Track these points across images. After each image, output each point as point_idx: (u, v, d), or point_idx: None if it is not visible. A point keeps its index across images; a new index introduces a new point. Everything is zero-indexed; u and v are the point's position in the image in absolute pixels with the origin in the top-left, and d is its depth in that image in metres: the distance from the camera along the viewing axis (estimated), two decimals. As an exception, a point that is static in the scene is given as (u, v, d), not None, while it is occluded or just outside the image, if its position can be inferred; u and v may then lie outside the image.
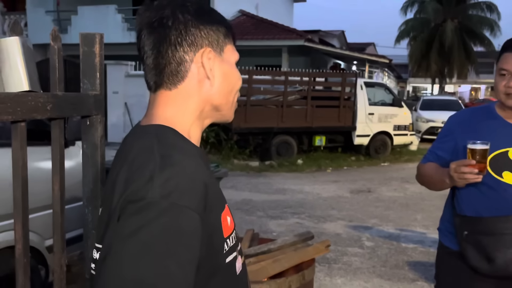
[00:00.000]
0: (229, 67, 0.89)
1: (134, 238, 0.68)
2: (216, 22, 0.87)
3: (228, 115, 0.92)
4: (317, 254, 2.04)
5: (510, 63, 1.60)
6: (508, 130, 1.65)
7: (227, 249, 0.82)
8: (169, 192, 0.71)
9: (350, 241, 4.84)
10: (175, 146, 0.79)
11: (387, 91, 11.16)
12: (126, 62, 11.79)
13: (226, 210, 0.85)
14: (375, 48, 31.83)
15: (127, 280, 0.67)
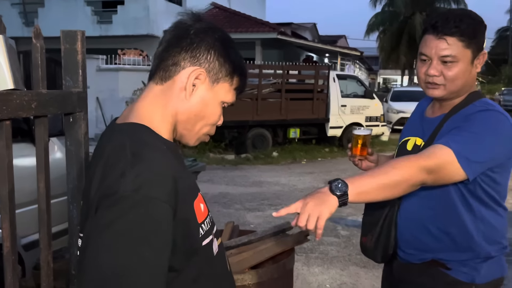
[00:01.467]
0: (212, 98, 0.94)
1: (110, 229, 0.76)
2: (228, 59, 0.94)
3: (188, 138, 0.97)
4: (297, 244, 2.10)
5: (430, 46, 1.35)
6: (419, 121, 1.54)
7: (202, 233, 0.91)
8: (140, 185, 0.78)
9: (326, 231, 4.95)
10: (146, 143, 0.86)
11: (359, 83, 11.36)
12: (97, 56, 11.54)
13: (199, 198, 0.93)
14: (346, 40, 32.22)
15: (105, 267, 0.74)
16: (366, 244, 1.57)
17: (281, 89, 9.86)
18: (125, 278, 0.74)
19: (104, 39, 14.40)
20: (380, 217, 1.50)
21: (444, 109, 1.45)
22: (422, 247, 1.44)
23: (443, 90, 1.37)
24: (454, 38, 1.31)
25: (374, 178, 1.18)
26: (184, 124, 0.94)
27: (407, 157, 1.26)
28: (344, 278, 3.71)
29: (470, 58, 1.35)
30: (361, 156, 1.63)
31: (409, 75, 29.96)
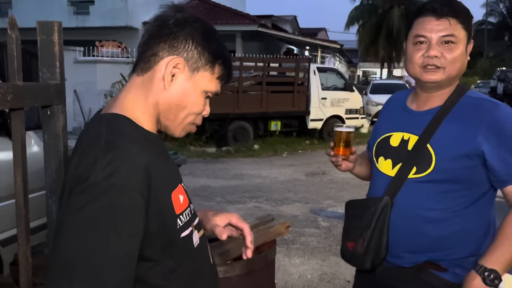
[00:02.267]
0: (193, 88, 0.94)
1: (79, 215, 0.78)
2: (207, 48, 0.94)
3: (173, 129, 0.98)
4: (278, 235, 2.12)
5: (430, 28, 1.30)
6: (403, 115, 1.46)
7: (181, 225, 0.91)
8: (110, 174, 0.79)
9: (307, 222, 5.01)
10: (122, 132, 0.87)
11: (339, 76, 11.45)
12: (74, 48, 11.31)
13: (179, 189, 0.94)
14: (326, 33, 32.36)
15: (71, 251, 0.76)
16: (355, 250, 1.44)
17: (262, 82, 9.86)
18: (90, 263, 0.76)
19: (81, 30, 14.10)
20: (372, 218, 1.39)
21: (433, 101, 1.39)
22: (417, 249, 1.36)
23: (442, 74, 1.32)
24: (455, 20, 1.30)
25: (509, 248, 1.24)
26: (166, 114, 0.95)
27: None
28: (325, 269, 3.77)
29: (465, 43, 1.33)
30: (344, 156, 1.51)
31: (388, 68, 30.33)
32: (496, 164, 1.28)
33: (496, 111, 1.29)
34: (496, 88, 21.86)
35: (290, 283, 3.52)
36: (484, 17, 39.03)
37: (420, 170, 1.34)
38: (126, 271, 0.80)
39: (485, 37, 36.70)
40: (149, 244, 0.85)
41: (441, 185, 1.32)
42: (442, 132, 1.33)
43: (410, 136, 1.39)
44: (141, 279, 0.87)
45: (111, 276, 0.77)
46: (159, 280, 0.89)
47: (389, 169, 1.43)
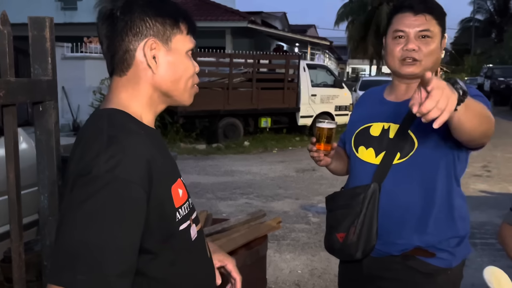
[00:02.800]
0: (176, 56, 0.95)
1: (83, 207, 0.79)
2: (164, 14, 0.93)
3: (181, 99, 1.00)
4: (270, 230, 2.14)
5: (409, 23, 1.39)
6: (382, 106, 1.52)
7: (179, 218, 0.93)
8: (113, 167, 0.81)
9: (297, 218, 5.04)
10: (123, 127, 0.88)
11: (329, 73, 11.50)
12: (61, 44, 11.16)
13: (178, 183, 0.95)
14: (316, 30, 32.43)
15: (76, 243, 0.77)
16: (345, 241, 1.45)
17: (252, 79, 9.86)
18: (93, 255, 0.77)
19: (69, 26, 13.93)
20: (362, 205, 1.42)
21: (411, 92, 1.38)
22: (405, 234, 1.40)
23: (418, 67, 1.40)
24: (430, 16, 1.40)
25: (477, 103, 1.16)
26: (168, 92, 0.96)
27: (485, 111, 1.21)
28: (315, 264, 3.80)
29: (440, 38, 1.43)
30: (325, 151, 1.54)
31: (377, 65, 30.52)
32: None
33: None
34: (483, 85, 22.13)
35: (281, 278, 3.54)
36: (472, 14, 39.47)
37: (403, 154, 1.41)
38: (128, 263, 0.81)
39: (473, 34, 37.10)
40: (149, 236, 0.86)
41: (423, 167, 1.39)
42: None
43: (391, 125, 1.46)
44: (141, 272, 0.88)
45: (114, 267, 0.78)
46: (159, 273, 0.91)
47: (372, 157, 1.47)
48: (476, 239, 4.34)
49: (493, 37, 37.94)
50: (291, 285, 3.45)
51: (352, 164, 1.57)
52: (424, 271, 1.41)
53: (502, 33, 32.89)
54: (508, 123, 14.31)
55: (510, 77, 19.56)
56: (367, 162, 1.48)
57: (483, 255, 3.96)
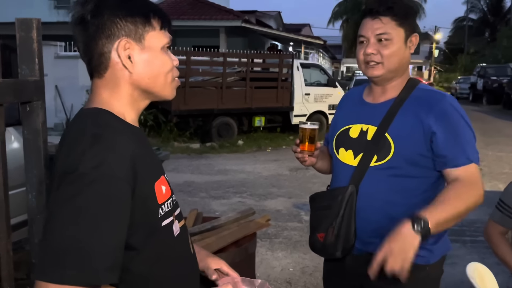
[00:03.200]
0: (152, 53, 0.96)
1: (70, 204, 0.81)
2: (134, 13, 0.95)
3: (163, 94, 1.01)
4: (259, 228, 2.17)
5: (367, 28, 1.44)
6: (360, 108, 1.55)
7: (162, 214, 0.95)
8: (98, 164, 0.83)
9: (290, 217, 5.07)
10: (107, 125, 0.91)
11: (322, 72, 11.53)
12: (55, 43, 11.12)
13: (161, 180, 0.98)
14: (310, 29, 32.45)
15: (64, 239, 0.79)
16: (325, 240, 1.51)
17: (246, 78, 9.87)
18: (81, 250, 0.79)
19: (62, 25, 13.83)
20: (340, 207, 1.46)
21: (389, 94, 1.50)
22: (383, 232, 1.39)
23: (381, 69, 1.44)
24: (388, 18, 1.42)
25: (447, 212, 1.30)
26: (150, 88, 0.98)
27: (467, 186, 1.34)
28: (307, 262, 3.83)
29: (403, 37, 1.44)
30: (309, 152, 1.56)
31: (371, 64, 30.56)
32: (442, 146, 1.39)
33: (443, 101, 1.44)
34: (476, 84, 22.27)
35: (273, 276, 3.57)
36: (465, 13, 39.66)
37: (380, 157, 1.44)
38: (115, 257, 0.83)
39: (466, 33, 37.32)
40: (133, 232, 0.89)
41: (400, 170, 1.42)
42: (398, 121, 1.43)
43: (369, 127, 1.49)
44: (125, 267, 0.89)
45: (102, 261, 0.80)
46: (143, 268, 0.93)
47: (351, 159, 1.50)
48: (466, 237, 4.39)
49: (486, 36, 38.16)
50: (283, 283, 3.48)
51: (334, 165, 1.61)
52: None
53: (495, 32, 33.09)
54: (501, 121, 14.43)
55: (503, 76, 19.70)
56: (346, 164, 1.52)
57: (472, 253, 4.01)
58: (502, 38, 26.33)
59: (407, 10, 1.45)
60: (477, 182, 1.38)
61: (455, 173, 1.38)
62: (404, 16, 1.44)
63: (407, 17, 1.45)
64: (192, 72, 9.46)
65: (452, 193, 1.34)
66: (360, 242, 1.48)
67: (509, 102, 17.47)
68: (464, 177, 1.36)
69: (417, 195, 1.43)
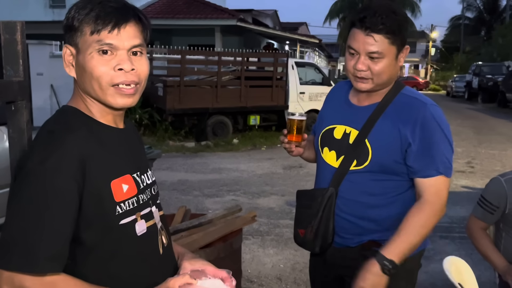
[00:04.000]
0: (81, 58, 0.99)
1: (18, 198, 0.89)
2: (71, 21, 0.99)
3: (105, 101, 1.00)
4: (245, 224, 2.22)
5: (358, 41, 1.40)
6: (345, 109, 1.57)
7: (120, 212, 0.98)
8: (43, 159, 0.89)
9: (282, 214, 5.13)
10: (66, 123, 0.97)
11: (317, 71, 11.58)
12: (50, 42, 11.14)
13: (124, 178, 1.00)
14: (307, 27, 32.50)
15: (12, 230, 0.87)
16: (305, 236, 1.57)
17: (241, 76, 9.92)
18: (26, 240, 0.86)
19: (57, 24, 13.85)
20: (320, 208, 1.51)
21: (373, 98, 1.51)
22: (360, 231, 1.51)
23: (371, 84, 1.45)
24: (381, 35, 1.38)
25: (410, 244, 1.40)
26: (89, 93, 1.01)
27: (428, 209, 1.41)
28: (298, 258, 3.88)
29: (395, 54, 1.43)
30: (296, 142, 1.60)
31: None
32: (413, 157, 1.43)
33: (423, 110, 1.44)
34: (472, 82, 22.37)
35: (263, 272, 3.62)
36: (462, 12, 39.75)
37: (359, 162, 1.48)
38: (58, 247, 0.89)
39: (462, 32, 37.42)
40: (86, 227, 0.93)
41: (378, 175, 1.47)
42: (378, 128, 1.47)
43: (351, 130, 1.52)
44: (79, 262, 0.94)
45: (44, 250, 0.87)
46: (97, 265, 0.96)
47: (333, 160, 1.55)
48: (455, 233, 4.45)
49: (482, 35, 38.25)
50: (273, 279, 3.53)
51: (318, 163, 1.65)
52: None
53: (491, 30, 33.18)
54: (495, 120, 14.52)
55: (498, 74, 19.80)
56: (329, 165, 1.56)
57: (460, 249, 4.07)
58: (497, 37, 26.42)
59: (400, 25, 1.41)
60: (441, 195, 1.43)
61: (423, 184, 1.43)
62: (398, 31, 1.41)
63: (400, 31, 1.42)
64: (187, 71, 9.50)
65: (415, 220, 1.40)
66: (339, 237, 1.55)
67: (504, 100, 17.57)
68: (429, 189, 1.42)
69: (393, 196, 1.50)
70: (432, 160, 1.42)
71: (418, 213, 1.41)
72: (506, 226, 2.13)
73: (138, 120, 9.12)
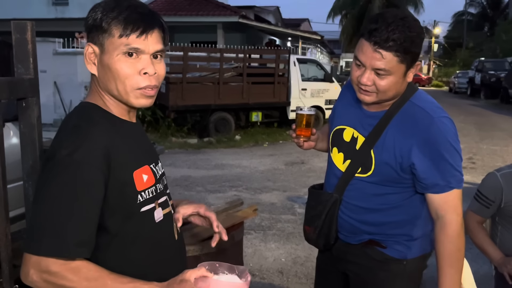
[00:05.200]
0: (108, 59, 1.03)
1: (47, 186, 0.94)
2: (99, 19, 1.02)
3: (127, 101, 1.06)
4: (246, 217, 2.27)
5: (366, 55, 1.32)
6: (356, 111, 1.53)
7: (141, 200, 1.05)
8: (72, 151, 0.95)
9: (284, 209, 5.19)
10: (88, 117, 1.03)
11: (319, 67, 11.60)
12: (53, 39, 11.18)
13: (144, 169, 1.07)
14: (309, 24, 32.45)
15: (42, 216, 0.93)
16: (309, 234, 1.63)
17: (243, 73, 9.95)
18: (55, 225, 0.92)
19: (60, 21, 13.94)
20: (323, 212, 1.55)
21: (382, 104, 1.45)
22: (360, 233, 1.55)
23: (375, 97, 1.39)
24: (390, 53, 1.29)
25: (456, 273, 1.42)
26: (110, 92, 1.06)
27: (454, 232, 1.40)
28: (299, 252, 3.94)
29: (403, 72, 1.35)
30: (305, 137, 1.60)
31: (370, 59, 30.54)
32: (422, 174, 1.41)
33: (430, 125, 1.39)
34: (474, 78, 22.32)
35: (265, 266, 3.68)
36: (465, 8, 39.59)
37: (363, 170, 1.50)
38: (85, 234, 0.95)
39: (465, 28, 37.27)
40: (110, 215, 1.00)
41: (380, 185, 1.49)
42: (382, 141, 1.45)
43: (359, 136, 1.51)
44: (103, 247, 1.00)
45: (72, 236, 0.93)
46: (119, 249, 1.03)
47: (340, 162, 1.57)
48: (455, 228, 4.50)
49: (485, 31, 38.11)
50: (275, 272, 3.59)
51: (328, 160, 1.66)
52: (378, 258, 1.55)
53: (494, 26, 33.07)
54: (497, 116, 14.52)
55: (501, 70, 19.73)
56: (336, 166, 1.58)
57: (460, 243, 4.13)
58: (500, 33, 26.32)
59: (412, 40, 1.30)
60: (458, 210, 1.42)
61: (437, 200, 1.41)
62: (408, 49, 1.31)
63: (411, 49, 1.31)
64: (190, 68, 9.54)
65: (449, 249, 1.40)
66: (341, 235, 1.60)
67: (507, 96, 17.53)
68: (445, 207, 1.41)
69: (395, 203, 1.51)
70: (443, 176, 1.38)
71: (454, 238, 1.40)
72: (502, 220, 2.17)
73: (141, 117, 9.18)
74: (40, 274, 0.92)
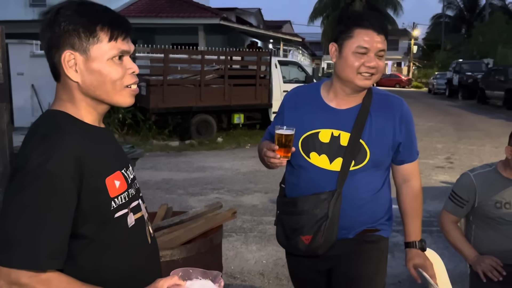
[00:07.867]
0: (98, 64, 1.02)
1: (17, 198, 0.92)
2: (79, 28, 1.00)
3: (114, 101, 1.07)
4: (225, 220, 2.27)
5: (372, 41, 1.51)
6: (326, 113, 1.59)
7: (115, 206, 1.05)
8: (43, 162, 0.93)
9: (265, 211, 5.20)
10: (57, 126, 1.00)
11: (300, 69, 11.68)
12: (30, 41, 10.98)
13: (116, 175, 1.07)
14: (291, 26, 32.63)
15: (12, 229, 0.91)
16: (313, 242, 1.56)
17: (224, 75, 9.94)
18: (26, 239, 0.90)
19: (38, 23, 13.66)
20: (328, 211, 1.54)
21: (352, 101, 1.59)
22: (358, 225, 1.63)
23: (372, 81, 1.58)
24: (383, 36, 1.55)
25: (421, 221, 1.74)
26: (96, 96, 1.05)
27: (420, 189, 1.73)
28: (280, 254, 3.95)
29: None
30: (285, 157, 1.52)
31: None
32: (404, 148, 1.67)
33: (401, 105, 1.67)
34: (452, 80, 22.77)
35: (246, 268, 3.68)
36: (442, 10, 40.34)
37: (357, 162, 1.58)
38: (57, 245, 0.94)
39: (443, 29, 37.98)
40: (83, 222, 0.99)
41: (372, 171, 1.61)
42: (369, 127, 1.58)
43: (341, 133, 1.56)
44: (77, 255, 0.99)
45: (43, 248, 0.91)
46: (94, 256, 1.02)
47: (326, 164, 1.57)
48: (433, 227, 4.57)
49: (463, 33, 38.90)
50: (256, 274, 3.59)
51: (304, 169, 1.61)
52: (370, 240, 1.66)
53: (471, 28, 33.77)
54: (474, 116, 14.84)
55: (478, 71, 20.19)
56: (324, 169, 1.58)
57: (438, 242, 4.20)
58: (477, 35, 26.91)
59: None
60: (418, 173, 1.76)
61: (409, 168, 1.71)
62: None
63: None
64: (170, 70, 9.49)
65: (419, 202, 1.73)
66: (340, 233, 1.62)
67: (483, 97, 17.94)
68: (414, 171, 1.73)
69: (379, 185, 1.66)
70: (415, 147, 1.70)
71: (418, 196, 1.71)
72: (476, 219, 2.22)
73: (121, 120, 9.09)
74: (10, 286, 0.91)
